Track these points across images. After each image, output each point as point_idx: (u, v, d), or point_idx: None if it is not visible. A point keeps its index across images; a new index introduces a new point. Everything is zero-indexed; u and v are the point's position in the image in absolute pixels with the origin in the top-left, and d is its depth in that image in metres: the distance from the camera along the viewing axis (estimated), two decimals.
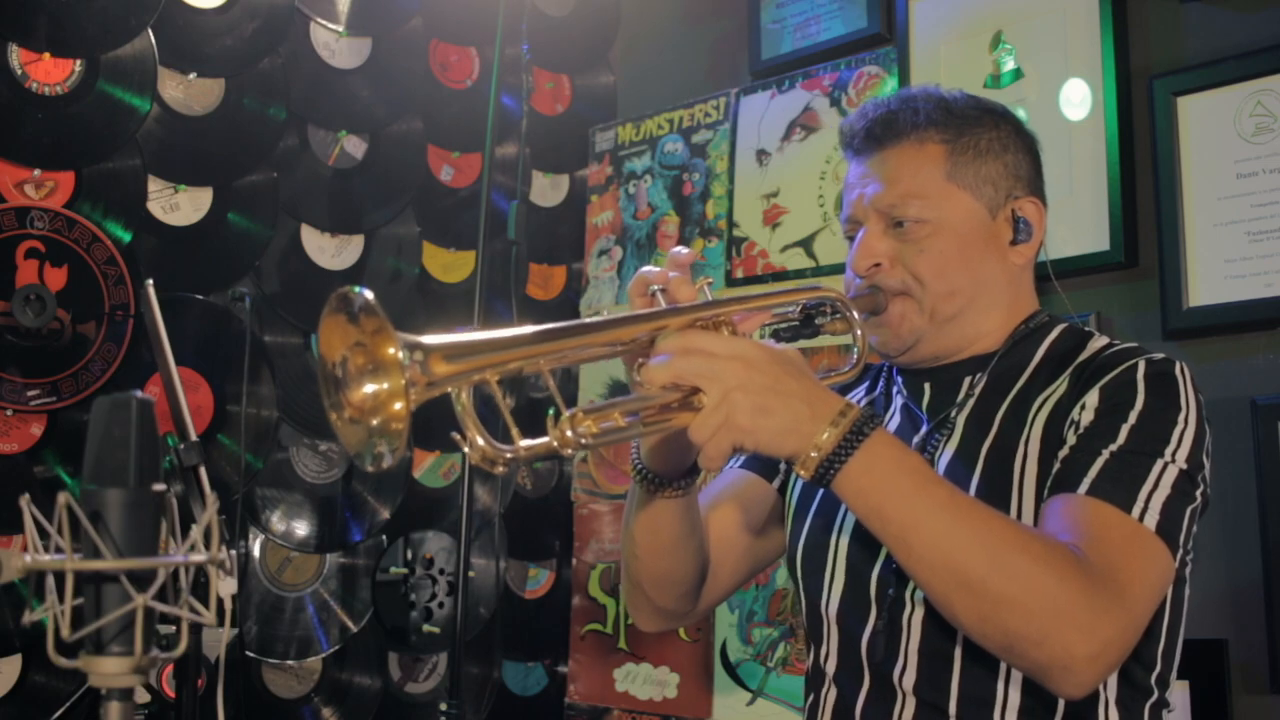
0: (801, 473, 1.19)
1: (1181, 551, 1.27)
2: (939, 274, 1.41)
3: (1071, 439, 1.30)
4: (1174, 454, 1.27)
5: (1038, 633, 1.14)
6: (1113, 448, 1.27)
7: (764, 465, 1.61)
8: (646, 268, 1.30)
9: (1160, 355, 1.36)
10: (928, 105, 1.45)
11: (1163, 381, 1.32)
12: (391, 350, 0.97)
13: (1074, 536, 1.20)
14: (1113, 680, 1.31)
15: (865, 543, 1.40)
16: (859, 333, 1.41)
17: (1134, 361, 1.34)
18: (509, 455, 1.08)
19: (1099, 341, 1.42)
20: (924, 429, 1.45)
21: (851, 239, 1.47)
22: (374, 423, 0.99)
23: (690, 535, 1.44)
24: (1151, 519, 1.23)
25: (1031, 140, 1.51)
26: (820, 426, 1.17)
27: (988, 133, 1.46)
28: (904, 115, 1.44)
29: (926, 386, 1.48)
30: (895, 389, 1.53)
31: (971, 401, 1.42)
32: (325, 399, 1.02)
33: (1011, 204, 1.45)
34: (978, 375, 1.44)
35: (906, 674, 1.34)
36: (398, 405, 0.98)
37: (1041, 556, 1.16)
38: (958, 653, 1.31)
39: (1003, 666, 1.30)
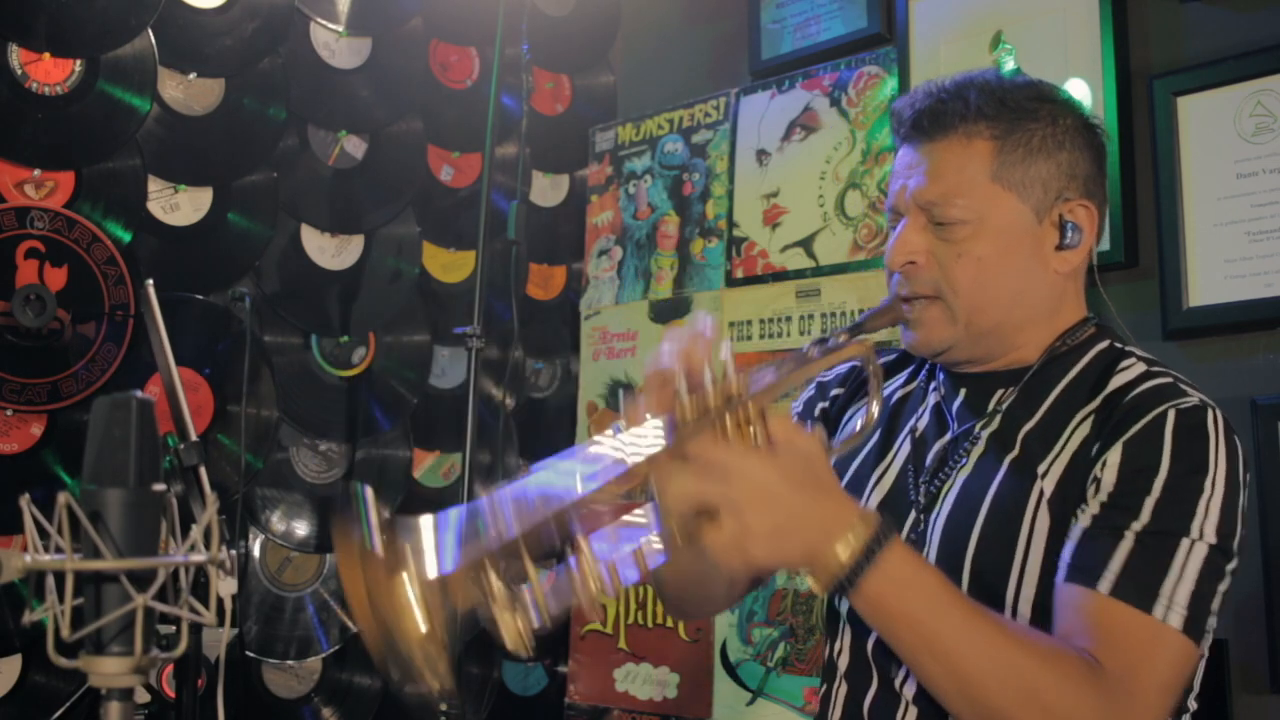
0: (816, 589, 1.20)
1: (1212, 619, 1.24)
2: (975, 283, 1.35)
3: (1093, 504, 1.25)
4: (1201, 528, 1.22)
5: None
6: (1136, 527, 1.22)
7: None
8: (665, 359, 1.23)
9: (1193, 402, 1.28)
10: (980, 96, 1.37)
11: (1191, 439, 1.25)
12: (409, 595, 1.00)
13: (1091, 641, 1.19)
14: None
15: None
16: (874, 407, 1.36)
17: (1163, 410, 1.26)
18: (538, 625, 1.10)
19: (1133, 369, 1.35)
20: (950, 434, 1.42)
21: (894, 229, 1.42)
22: (419, 656, 1.05)
23: (713, 569, 1.44)
24: (1177, 616, 1.19)
25: (1094, 135, 1.42)
26: (833, 547, 1.16)
27: (1043, 128, 1.37)
28: (954, 106, 1.37)
29: (962, 392, 1.44)
30: (933, 385, 1.50)
31: (999, 418, 1.38)
32: (389, 668, 1.03)
33: (1060, 206, 1.36)
34: (1009, 390, 1.39)
35: (908, 684, 1.34)
36: (430, 629, 1.02)
37: (1054, 682, 1.15)
38: None
39: None
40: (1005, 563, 1.29)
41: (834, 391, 1.64)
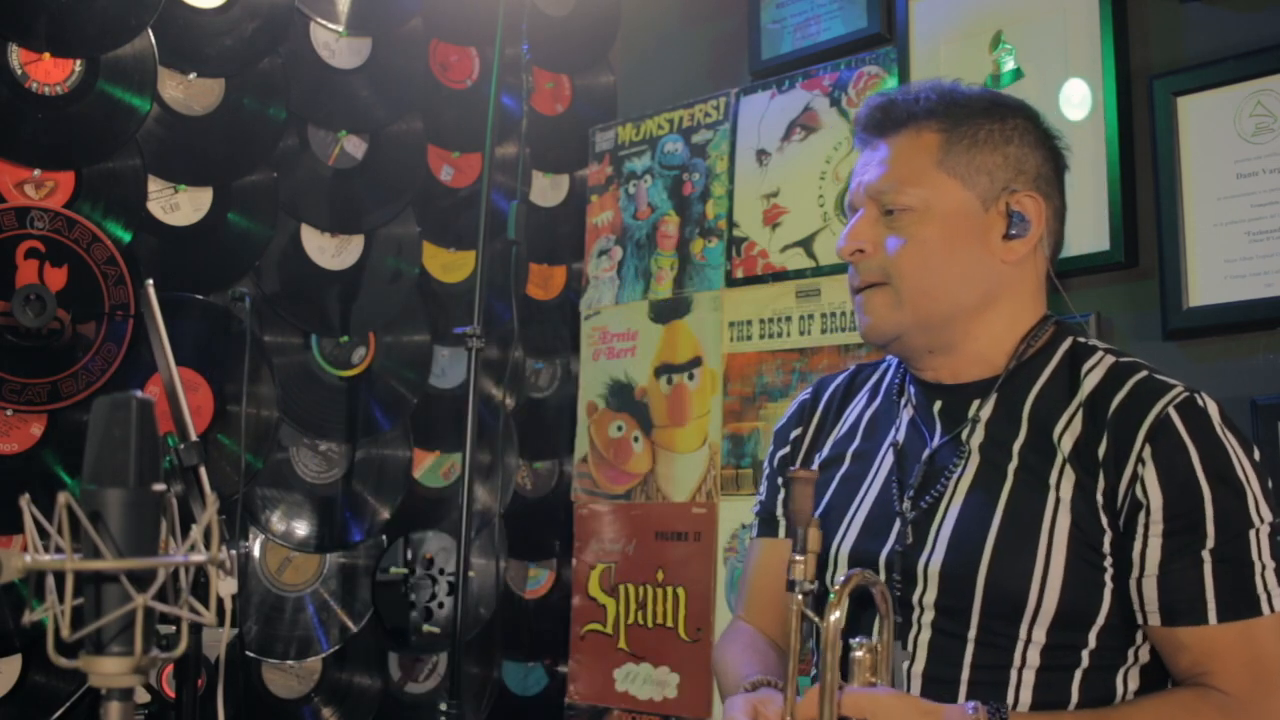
0: None
1: None
2: (919, 267, 1.39)
3: (1155, 538, 1.29)
4: (1258, 513, 1.28)
5: None
6: (1209, 547, 1.27)
7: (769, 526, 1.65)
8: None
9: (1182, 394, 1.33)
10: (930, 95, 1.44)
11: (1208, 439, 1.31)
12: None
13: (1226, 670, 1.26)
14: (1134, 672, 1.33)
15: (873, 535, 1.42)
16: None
17: (1163, 412, 1.31)
18: None
19: (1101, 364, 1.39)
20: (933, 442, 1.44)
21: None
22: None
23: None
24: (1278, 598, 1.27)
25: (1048, 138, 1.48)
26: None
27: (991, 123, 1.43)
28: (904, 104, 1.44)
29: (938, 404, 1.47)
30: (904, 400, 1.53)
31: (980, 428, 1.41)
32: None
33: (1007, 197, 1.41)
34: (984, 400, 1.42)
35: (916, 659, 1.36)
36: None
37: None
38: (963, 677, 1.32)
39: (1009, 694, 1.31)
40: (1026, 569, 1.30)
41: (794, 433, 1.65)
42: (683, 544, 2.77)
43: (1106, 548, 1.30)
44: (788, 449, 1.65)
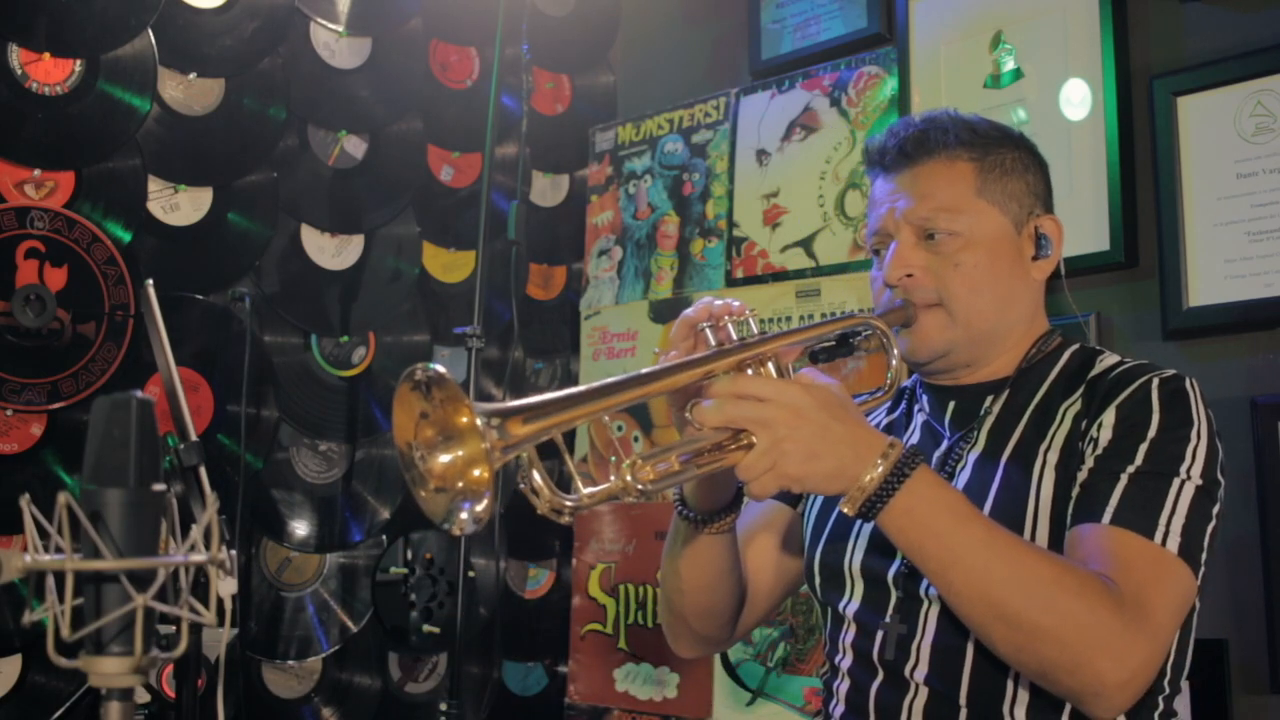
0: (846, 509, 1.26)
1: (1203, 569, 1.31)
2: (972, 287, 1.45)
3: (1090, 460, 1.34)
4: (1189, 470, 1.31)
5: (1071, 661, 1.20)
6: (1130, 469, 1.31)
7: (788, 493, 1.64)
8: (689, 311, 1.36)
9: (1171, 372, 1.40)
10: (955, 125, 1.50)
11: (1176, 399, 1.36)
12: (468, 419, 1.04)
13: (1102, 565, 1.25)
14: None
15: (881, 550, 1.45)
16: (894, 361, 1.46)
17: (1147, 379, 1.38)
18: (571, 504, 1.17)
19: (1110, 359, 1.46)
20: (945, 443, 1.49)
21: (878, 253, 1.52)
22: (458, 488, 1.06)
23: (733, 569, 1.53)
24: (1174, 542, 1.27)
25: (1043, 162, 1.57)
26: (865, 468, 1.23)
27: (1010, 152, 1.51)
28: (934, 134, 1.49)
29: (951, 404, 1.52)
30: (917, 407, 1.58)
31: (992, 417, 1.46)
32: (406, 474, 1.08)
33: (1034, 221, 1.50)
34: (997, 396, 1.48)
35: (919, 668, 1.38)
36: (479, 471, 1.05)
37: (1073, 588, 1.21)
38: (969, 648, 1.35)
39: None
40: (1016, 529, 1.35)
41: None
42: None
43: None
44: None
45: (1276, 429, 2.00)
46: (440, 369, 1.04)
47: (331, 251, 2.76)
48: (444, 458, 1.06)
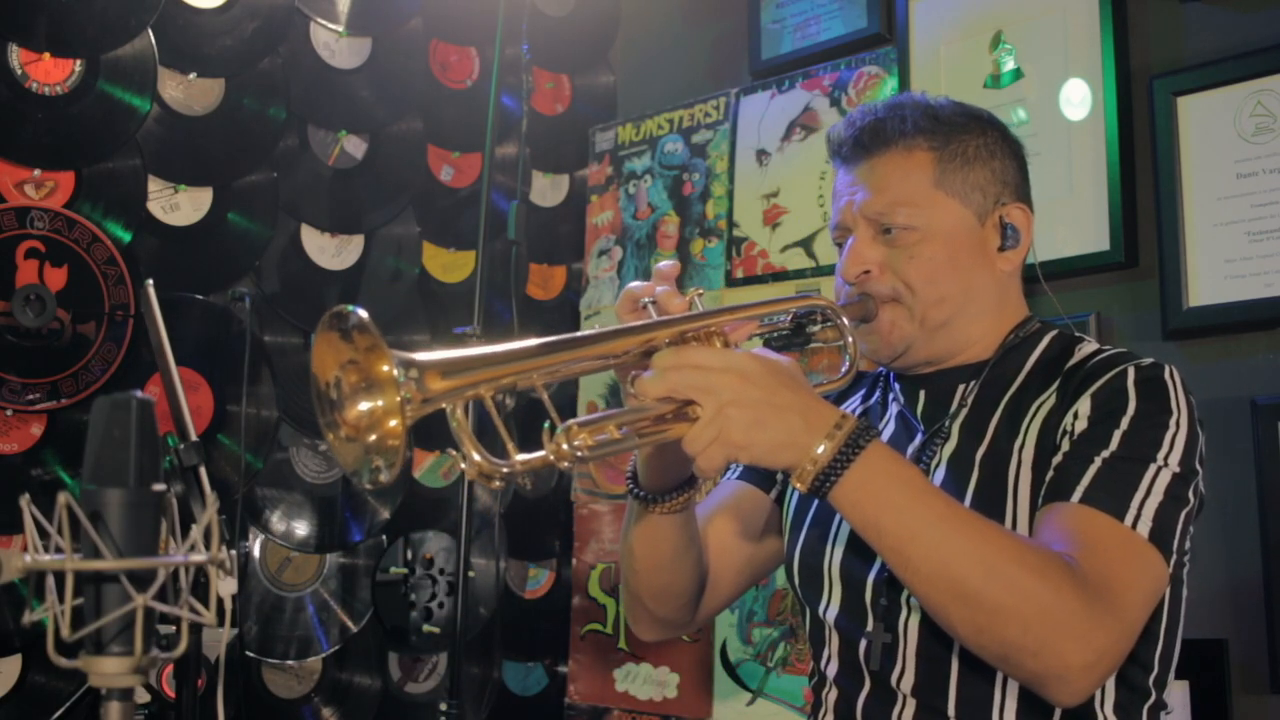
0: (798, 485, 1.19)
1: (1177, 555, 1.27)
2: (929, 281, 1.41)
3: (1065, 445, 1.31)
4: (1166, 458, 1.28)
5: (1034, 643, 1.15)
6: (1105, 454, 1.27)
7: (760, 476, 1.63)
8: (633, 283, 1.31)
9: (1149, 360, 1.36)
10: (915, 113, 1.45)
11: (1153, 387, 1.33)
12: (386, 368, 0.99)
13: (1068, 546, 1.21)
14: (1110, 683, 1.31)
15: (860, 552, 1.41)
16: (850, 340, 1.40)
17: (1124, 367, 1.34)
18: (505, 470, 1.08)
19: (1088, 347, 1.43)
20: (919, 437, 1.45)
21: (840, 245, 1.48)
22: (370, 440, 1.00)
23: (689, 548, 1.46)
24: (1144, 526, 1.23)
25: (1018, 146, 1.52)
26: (816, 439, 1.17)
27: (975, 139, 1.46)
28: (891, 123, 1.45)
29: (921, 394, 1.49)
30: (891, 396, 1.54)
31: (965, 410, 1.43)
32: (320, 418, 1.03)
33: (999, 210, 1.45)
34: (970, 384, 1.45)
35: (905, 678, 1.35)
36: (393, 423, 0.99)
37: (1036, 567, 1.16)
38: (954, 657, 1.32)
39: (999, 671, 1.30)
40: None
41: None
42: None
43: None
44: None
45: (1276, 429, 2.00)
46: (363, 314, 1.00)
47: (331, 251, 2.76)
48: (362, 405, 1.00)
